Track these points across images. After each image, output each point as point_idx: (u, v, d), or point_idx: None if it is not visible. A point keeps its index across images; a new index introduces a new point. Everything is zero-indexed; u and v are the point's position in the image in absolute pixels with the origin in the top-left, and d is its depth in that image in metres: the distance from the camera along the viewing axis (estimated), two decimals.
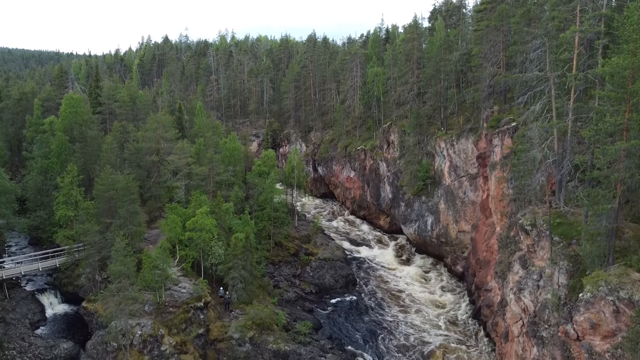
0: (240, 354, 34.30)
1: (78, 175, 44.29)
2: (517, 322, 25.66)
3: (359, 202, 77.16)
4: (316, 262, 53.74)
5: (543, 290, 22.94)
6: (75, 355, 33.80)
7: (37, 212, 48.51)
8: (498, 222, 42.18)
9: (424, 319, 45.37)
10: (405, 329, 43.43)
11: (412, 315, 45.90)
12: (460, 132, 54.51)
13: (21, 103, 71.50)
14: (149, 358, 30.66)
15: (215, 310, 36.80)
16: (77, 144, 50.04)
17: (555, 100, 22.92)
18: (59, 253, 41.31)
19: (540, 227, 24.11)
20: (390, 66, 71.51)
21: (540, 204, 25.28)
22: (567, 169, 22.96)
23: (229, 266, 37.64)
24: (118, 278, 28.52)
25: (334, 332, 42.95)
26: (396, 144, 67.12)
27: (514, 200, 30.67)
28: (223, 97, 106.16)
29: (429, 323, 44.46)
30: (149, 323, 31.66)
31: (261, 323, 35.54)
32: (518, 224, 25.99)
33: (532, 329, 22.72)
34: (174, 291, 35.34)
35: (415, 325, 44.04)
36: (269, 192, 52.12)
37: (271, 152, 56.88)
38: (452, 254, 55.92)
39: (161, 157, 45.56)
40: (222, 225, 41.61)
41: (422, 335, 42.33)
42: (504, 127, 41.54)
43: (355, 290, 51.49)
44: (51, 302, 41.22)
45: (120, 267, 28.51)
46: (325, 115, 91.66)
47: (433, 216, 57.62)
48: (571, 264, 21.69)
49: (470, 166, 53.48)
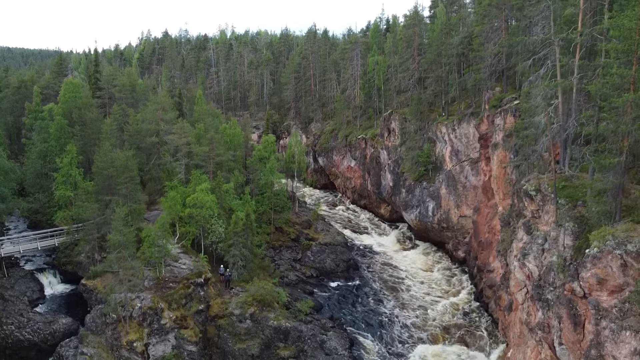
0: (240, 330, 33.98)
1: (77, 156, 43.97)
2: (521, 289, 25.34)
3: (359, 191, 76.88)
4: (317, 247, 53.44)
5: (548, 253, 22.63)
6: (74, 330, 33.48)
7: (36, 195, 48.22)
8: (500, 202, 41.88)
9: (426, 301, 45.05)
10: (406, 312, 43.13)
11: (413, 299, 45.58)
12: (461, 117, 54.21)
13: (20, 91, 71.27)
14: (149, 331, 30.34)
15: (215, 288, 36.51)
16: (76, 126, 49.72)
17: (560, 60, 22.64)
18: (59, 233, 40.99)
19: (545, 192, 23.80)
20: (390, 54, 71.26)
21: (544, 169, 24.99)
22: (572, 129, 22.68)
23: (230, 244, 37.34)
24: (117, 249, 28.19)
25: (335, 313, 42.64)
26: (397, 132, 66.83)
27: (517, 166, 30.32)
28: (223, 90, 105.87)
29: (430, 306, 44.15)
30: (149, 296, 31.35)
31: (262, 300, 35.22)
32: (522, 189, 25.68)
33: (537, 293, 22.40)
34: (173, 267, 35.03)
35: (416, 308, 43.72)
36: (269, 177, 51.86)
37: (271, 137, 56.60)
38: (454, 240, 55.61)
39: (161, 139, 45.24)
40: (223, 205, 41.34)
41: (424, 318, 42.02)
42: (506, 106, 41.26)
43: (357, 275, 51.18)
44: (50, 281, 40.91)
45: (120, 237, 28.18)
46: (325, 106, 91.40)
47: (434, 201, 57.31)
48: (576, 225, 21.39)
49: (472, 150, 53.20)
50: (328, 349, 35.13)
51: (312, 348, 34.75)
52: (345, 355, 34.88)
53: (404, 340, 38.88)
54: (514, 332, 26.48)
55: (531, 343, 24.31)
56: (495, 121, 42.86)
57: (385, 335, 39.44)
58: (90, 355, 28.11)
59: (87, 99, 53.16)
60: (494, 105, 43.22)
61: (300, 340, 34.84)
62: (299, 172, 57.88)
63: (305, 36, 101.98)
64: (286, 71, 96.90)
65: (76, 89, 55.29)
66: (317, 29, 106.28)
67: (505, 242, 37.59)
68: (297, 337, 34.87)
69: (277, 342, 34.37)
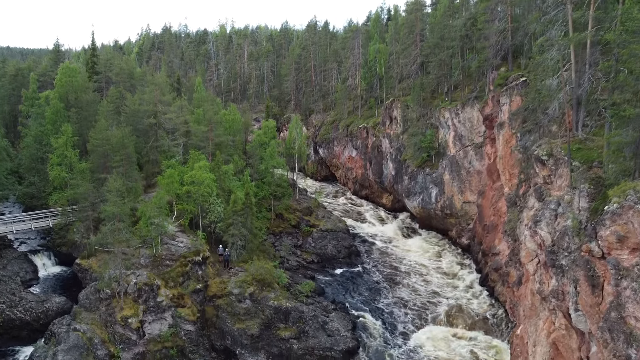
0: (240, 309, 32.89)
1: (73, 137, 42.91)
2: (532, 260, 24.26)
3: (360, 181, 75.82)
4: (318, 233, 52.36)
5: (561, 218, 21.57)
6: (68, 309, 32.34)
7: (32, 179, 47.21)
8: (506, 183, 40.84)
9: (429, 287, 43.98)
10: (410, 296, 42.06)
11: (416, 284, 44.49)
12: (465, 101, 53.20)
13: (17, 79, 70.30)
14: (145, 308, 29.26)
15: (214, 267, 35.45)
16: (72, 109, 48.68)
17: (574, 13, 21.59)
18: (53, 214, 39.93)
19: (557, 155, 22.76)
20: (392, 41, 70.21)
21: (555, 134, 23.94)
22: (587, 84, 21.61)
23: (229, 223, 36.27)
24: (111, 220, 27.09)
25: (337, 297, 41.57)
26: (399, 120, 65.79)
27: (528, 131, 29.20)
28: (223, 82, 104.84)
29: (434, 290, 43.09)
30: (144, 273, 30.27)
31: (262, 279, 34.13)
32: (533, 155, 24.63)
33: (551, 259, 21.32)
34: (170, 245, 33.93)
35: (420, 293, 42.65)
36: (269, 162, 50.81)
37: (272, 122, 55.57)
38: (457, 226, 54.56)
39: (159, 120, 44.19)
40: (222, 186, 40.28)
41: (428, 302, 40.94)
42: (512, 84, 40.22)
43: (358, 261, 50.12)
44: (44, 263, 39.85)
45: (114, 209, 27.09)
46: (326, 98, 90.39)
47: (437, 188, 56.25)
48: (592, 186, 20.34)
49: (476, 135, 52.15)
50: (330, 330, 34.04)
51: (314, 329, 33.66)
52: (348, 337, 33.80)
53: (407, 323, 37.82)
54: (525, 305, 25.40)
55: (543, 315, 23.23)
56: (501, 100, 41.82)
57: (389, 318, 38.38)
58: (84, 331, 27.03)
59: (84, 82, 52.08)
60: (499, 84, 42.18)
61: (301, 321, 33.76)
62: (299, 158, 56.70)
63: (306, 28, 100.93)
64: (286, 62, 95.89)
65: (73, 73, 54.25)
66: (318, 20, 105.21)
67: (512, 221, 36.58)
68: (298, 317, 33.79)
69: (278, 322, 33.29)
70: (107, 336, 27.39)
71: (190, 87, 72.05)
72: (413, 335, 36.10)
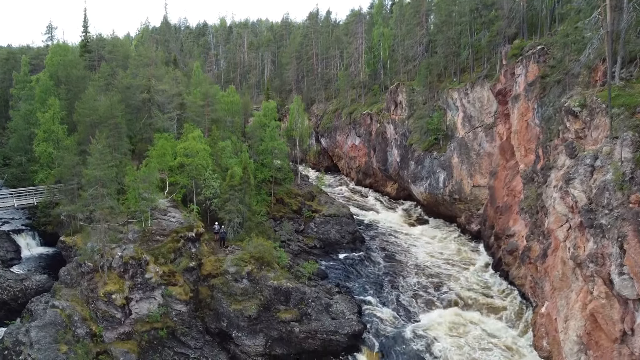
0: (236, 290, 30.25)
1: (60, 112, 40.41)
2: (562, 225, 21.66)
3: (364, 170, 73.24)
4: (320, 218, 49.68)
5: (599, 172, 18.99)
6: (49, 288, 29.72)
7: (18, 158, 44.73)
8: (522, 159, 38.28)
9: (438, 271, 41.34)
10: (418, 280, 39.42)
11: (425, 269, 41.81)
12: (474, 80, 50.68)
13: (9, 63, 67.82)
14: (131, 284, 26.65)
15: (209, 246, 32.85)
16: (62, 86, 46.19)
17: None
18: (38, 191, 37.37)
19: (592, 105, 20.20)
20: (397, 24, 67.68)
21: (587, 84, 21.42)
22: (630, 17, 19.08)
23: (225, 198, 33.67)
24: (94, 186, 24.50)
25: (341, 281, 38.98)
26: (404, 104, 63.20)
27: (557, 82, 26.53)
28: (222, 72, 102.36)
29: (443, 275, 40.44)
30: (131, 247, 27.67)
31: (260, 258, 31.51)
32: (563, 108, 22.04)
33: (588, 219, 18.74)
34: (161, 220, 31.31)
35: (429, 278, 39.97)
36: (269, 142, 48.23)
37: (272, 103, 53.01)
38: (466, 212, 51.93)
39: (152, 96, 41.63)
40: (219, 162, 37.75)
41: (437, 286, 38.26)
42: (529, 52, 37.62)
43: (363, 246, 47.47)
44: (28, 243, 37.29)
45: (96, 172, 24.49)
46: (328, 87, 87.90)
47: (445, 172, 53.62)
48: (637, 133, 17.78)
49: (486, 115, 49.63)
50: (334, 313, 31.39)
51: (317, 311, 31.02)
52: (353, 320, 31.16)
53: (416, 307, 35.19)
54: (553, 277, 22.74)
55: (576, 285, 20.62)
56: (516, 71, 39.23)
57: (397, 303, 35.76)
58: (62, 308, 24.42)
59: (75, 58, 49.58)
60: (514, 54, 39.62)
61: (303, 303, 31.10)
62: (301, 140, 54.15)
63: (308, 16, 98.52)
64: (287, 51, 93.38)
65: (64, 52, 51.85)
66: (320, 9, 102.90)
67: (530, 198, 34.05)
68: (300, 299, 31.14)
69: (277, 304, 30.66)
70: (89, 313, 24.79)
71: (189, 72, 69.48)
72: (422, 319, 33.50)
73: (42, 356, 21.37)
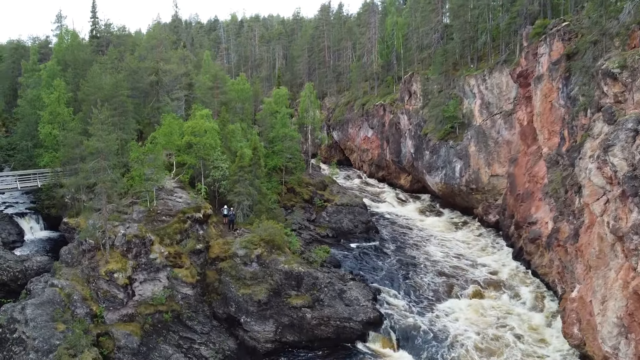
0: (245, 273, 28.79)
1: (66, 93, 39.32)
2: (599, 198, 19.92)
3: (377, 163, 71.54)
4: (333, 208, 48.10)
5: None
6: (50, 269, 28.52)
7: (23, 144, 43.78)
8: (545, 142, 36.45)
9: (456, 261, 39.60)
10: (435, 269, 37.73)
11: (442, 259, 40.07)
12: (493, 66, 48.85)
13: (18, 52, 67.15)
14: (135, 264, 25.30)
15: (217, 228, 31.44)
16: (69, 70, 45.19)
17: None
18: (42, 174, 36.29)
19: (634, 65, 18.47)
20: (412, 11, 65.91)
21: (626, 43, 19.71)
22: None
23: (235, 180, 32.25)
24: (95, 158, 23.18)
25: (355, 269, 37.38)
26: (419, 94, 61.42)
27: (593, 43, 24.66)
28: (233, 65, 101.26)
29: (461, 265, 38.67)
30: (135, 225, 26.33)
31: (271, 240, 30.02)
32: (601, 70, 20.29)
33: (632, 187, 17.02)
34: (168, 200, 29.94)
35: (446, 267, 38.22)
36: (280, 128, 46.77)
37: (283, 90, 51.65)
38: (484, 202, 50.00)
39: (160, 78, 40.40)
40: (228, 145, 36.37)
41: (455, 276, 36.50)
42: (553, 30, 35.79)
43: (377, 236, 45.79)
44: (32, 227, 36.21)
45: (98, 144, 23.18)
46: (340, 79, 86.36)
47: (462, 161, 51.72)
48: None
49: (505, 102, 47.73)
50: (348, 300, 29.80)
51: (330, 297, 29.46)
52: (368, 307, 29.56)
53: (434, 296, 33.51)
54: (588, 256, 20.94)
55: (615, 263, 18.86)
56: (539, 51, 37.39)
57: (413, 291, 34.12)
58: (62, 287, 23.13)
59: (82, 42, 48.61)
60: (537, 32, 37.77)
61: (316, 288, 29.57)
62: (313, 128, 52.64)
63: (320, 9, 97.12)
64: (299, 43, 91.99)
65: (72, 37, 50.92)
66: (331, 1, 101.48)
67: (555, 182, 32.23)
68: (312, 284, 29.60)
69: (288, 289, 29.17)
70: (89, 292, 23.47)
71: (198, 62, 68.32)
72: (441, 307, 31.86)
73: (37, 334, 20.10)
